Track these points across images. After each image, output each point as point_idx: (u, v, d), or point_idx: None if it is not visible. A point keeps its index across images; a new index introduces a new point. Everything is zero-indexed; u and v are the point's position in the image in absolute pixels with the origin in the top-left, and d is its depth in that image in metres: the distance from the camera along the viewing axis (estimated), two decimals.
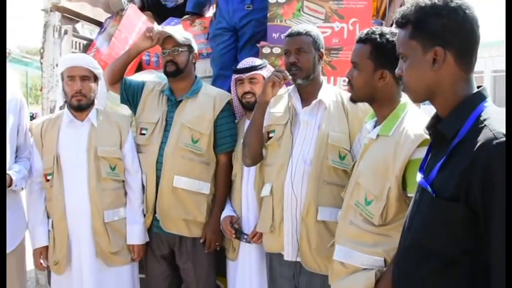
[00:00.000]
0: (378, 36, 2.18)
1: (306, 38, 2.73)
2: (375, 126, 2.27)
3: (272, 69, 3.17)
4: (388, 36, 2.18)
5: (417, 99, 1.66)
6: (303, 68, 2.71)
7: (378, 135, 2.19)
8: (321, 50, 2.77)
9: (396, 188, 2.06)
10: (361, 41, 2.22)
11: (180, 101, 3.18)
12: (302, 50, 2.71)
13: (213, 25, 3.89)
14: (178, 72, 3.14)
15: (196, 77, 3.28)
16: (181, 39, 3.16)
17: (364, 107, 2.68)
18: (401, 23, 1.59)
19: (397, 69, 1.67)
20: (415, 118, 2.16)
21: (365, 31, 2.23)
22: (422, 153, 1.90)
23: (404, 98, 2.25)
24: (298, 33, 2.73)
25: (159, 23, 4.28)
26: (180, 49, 3.14)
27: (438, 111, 1.62)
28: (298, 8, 3.48)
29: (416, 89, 1.59)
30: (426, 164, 1.68)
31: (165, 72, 3.16)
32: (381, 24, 3.99)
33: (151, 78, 3.74)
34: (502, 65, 19.11)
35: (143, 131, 3.20)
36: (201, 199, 3.15)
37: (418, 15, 1.54)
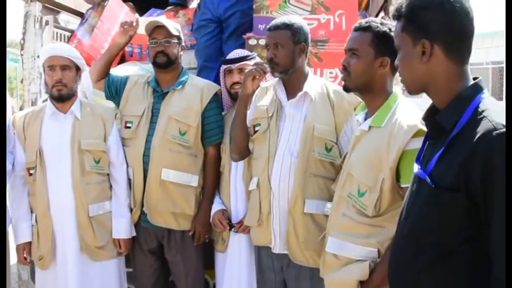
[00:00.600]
0: (379, 24, 2.18)
1: (283, 33, 2.69)
2: (365, 119, 2.27)
3: (260, 60, 3.16)
4: (389, 25, 2.18)
5: (411, 91, 1.65)
6: (279, 63, 2.69)
7: (370, 127, 2.18)
8: (302, 43, 2.71)
9: (390, 179, 2.06)
10: (361, 28, 2.21)
11: (167, 92, 3.14)
12: (279, 45, 2.68)
13: (197, 16, 3.86)
14: (169, 63, 3.10)
15: (182, 68, 3.26)
16: (173, 30, 3.12)
17: (350, 98, 2.69)
18: (396, 16, 1.62)
19: (396, 59, 1.68)
20: (407, 109, 2.16)
21: (365, 20, 2.23)
22: (416, 143, 1.95)
23: (395, 89, 2.25)
24: (276, 27, 2.70)
25: (141, 14, 4.28)
26: (172, 40, 3.11)
27: (435, 103, 1.62)
28: (284, 0, 3.46)
29: (409, 80, 1.61)
30: (423, 155, 1.67)
31: (155, 63, 3.12)
32: (365, 16, 3.99)
33: (135, 70, 3.71)
34: (498, 56, 18.54)
35: (128, 124, 3.16)
36: (189, 192, 3.13)
37: (408, 8, 1.57)
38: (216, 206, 3.13)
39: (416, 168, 1.66)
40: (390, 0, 3.51)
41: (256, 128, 2.82)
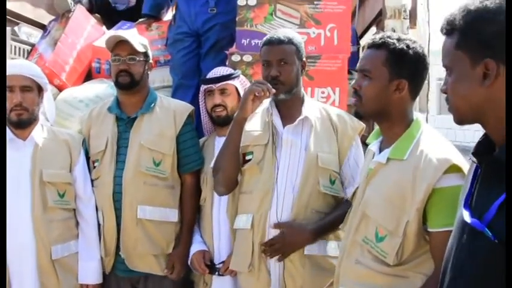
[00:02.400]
0: (395, 40, 1.96)
1: (288, 48, 2.54)
2: (380, 148, 2.04)
3: (245, 79, 3.03)
4: (407, 42, 1.96)
5: (463, 121, 1.41)
6: (285, 82, 2.52)
7: (388, 159, 1.96)
8: (304, 59, 2.60)
9: (416, 222, 1.83)
10: (374, 46, 2.00)
11: (135, 118, 2.91)
12: (285, 62, 2.52)
13: (172, 29, 3.69)
14: (133, 84, 2.88)
15: (149, 88, 3.05)
16: (139, 46, 2.90)
17: (353, 123, 2.61)
18: (447, 30, 1.38)
19: (442, 84, 1.44)
20: (434, 139, 1.94)
21: (379, 35, 2.02)
22: (448, 181, 1.80)
23: (418, 116, 2.04)
24: (280, 42, 2.53)
25: (109, 27, 4.07)
26: (137, 58, 2.89)
27: (493, 136, 1.37)
28: (270, 12, 3.29)
29: (464, 108, 1.38)
30: (471, 198, 1.40)
31: (117, 84, 2.91)
32: (354, 31, 3.82)
33: (103, 88, 3.51)
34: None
35: (95, 164, 2.94)
36: (168, 229, 2.91)
37: (466, 20, 1.33)
38: (196, 246, 2.89)
39: (466, 216, 1.38)
40: (385, 14, 3.39)
41: (248, 157, 2.62)
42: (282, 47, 2.52)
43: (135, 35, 3.07)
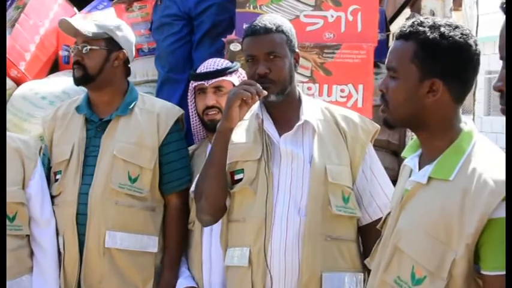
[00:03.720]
0: (427, 28, 1.84)
1: (278, 37, 2.46)
2: (420, 164, 1.94)
3: (245, 74, 2.92)
4: (444, 29, 1.83)
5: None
6: (277, 81, 2.45)
7: (429, 178, 1.86)
8: (297, 50, 2.54)
9: (465, 261, 1.72)
10: (402, 36, 1.89)
11: (108, 121, 2.87)
12: (275, 55, 2.45)
13: (158, 11, 3.65)
14: (87, 79, 2.87)
15: (128, 84, 3.01)
16: (88, 32, 2.84)
17: (365, 124, 2.57)
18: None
19: (496, 81, 1.54)
20: (490, 154, 1.83)
21: (409, 22, 1.91)
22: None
23: (469, 123, 1.92)
24: (267, 30, 2.45)
25: (80, 7, 4.04)
26: (90, 46, 2.85)
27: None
28: None
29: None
30: None
31: (74, 80, 2.94)
32: (383, 13, 3.76)
33: (72, 82, 3.29)
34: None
35: (57, 176, 2.89)
36: (146, 261, 2.85)
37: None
38: (183, 282, 2.84)
39: None
40: None
41: (237, 177, 2.55)
42: (270, 37, 2.43)
43: (95, 17, 3.11)
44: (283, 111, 2.52)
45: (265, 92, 2.42)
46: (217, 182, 2.50)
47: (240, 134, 2.57)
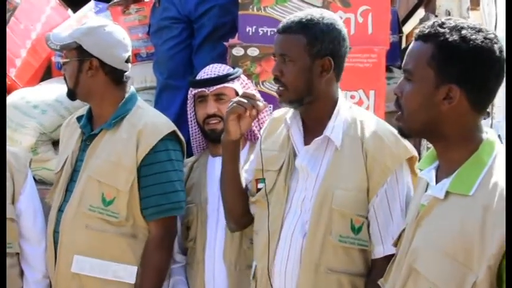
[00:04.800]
0: (448, 30, 1.80)
1: (294, 38, 2.33)
2: (437, 177, 1.89)
3: (247, 80, 2.99)
4: (466, 32, 1.78)
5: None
6: (288, 86, 2.33)
7: (447, 193, 1.82)
8: (327, 57, 2.32)
9: (487, 285, 1.68)
10: (421, 37, 1.86)
11: (95, 135, 2.80)
12: (287, 58, 2.33)
13: (156, 14, 3.65)
14: (70, 94, 2.87)
15: (123, 95, 2.88)
16: (55, 44, 2.79)
17: (397, 149, 2.34)
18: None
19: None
20: None
21: (429, 23, 1.87)
22: None
23: (490, 133, 1.88)
24: (286, 29, 2.34)
25: (75, 9, 4.09)
26: (63, 59, 2.85)
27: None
28: None
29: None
30: None
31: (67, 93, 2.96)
32: (395, 14, 3.78)
33: (65, 90, 3.26)
34: None
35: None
36: None
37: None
38: None
39: None
40: None
41: (259, 185, 2.50)
42: (285, 38, 2.33)
43: (71, 26, 3.20)
44: (313, 118, 2.41)
45: (262, 106, 2.39)
46: (232, 191, 2.55)
47: (272, 139, 2.53)
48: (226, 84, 2.84)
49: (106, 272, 2.71)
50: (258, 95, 2.46)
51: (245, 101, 2.37)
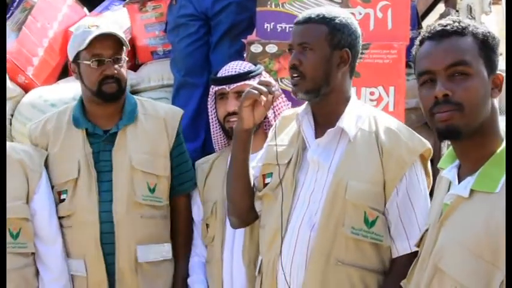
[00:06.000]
0: (471, 24, 1.86)
1: (315, 28, 2.36)
2: (459, 175, 1.88)
3: (269, 77, 2.98)
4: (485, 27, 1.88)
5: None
6: (306, 75, 2.35)
7: (471, 191, 1.81)
8: (346, 48, 2.37)
9: None
10: (455, 32, 1.86)
11: (114, 133, 2.89)
12: (308, 47, 2.35)
13: (173, 11, 3.64)
14: (121, 93, 2.88)
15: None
16: (125, 42, 2.89)
17: (412, 142, 2.37)
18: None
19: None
20: None
21: (446, 19, 1.91)
22: None
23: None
24: (307, 20, 2.38)
25: (90, 8, 4.10)
26: (123, 57, 2.89)
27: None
28: None
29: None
30: None
31: (101, 94, 2.84)
32: (415, 9, 3.76)
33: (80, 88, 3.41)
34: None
35: (62, 196, 2.87)
36: (167, 269, 2.97)
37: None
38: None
39: None
40: None
41: (267, 180, 2.53)
42: (306, 27, 2.36)
43: (110, 23, 3.16)
44: (325, 113, 2.43)
45: (278, 94, 2.42)
46: (239, 184, 2.54)
47: (282, 136, 2.54)
48: (247, 82, 2.84)
49: (159, 253, 2.90)
50: (274, 83, 2.47)
51: (261, 87, 2.38)
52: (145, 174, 2.86)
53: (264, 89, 2.37)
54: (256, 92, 2.37)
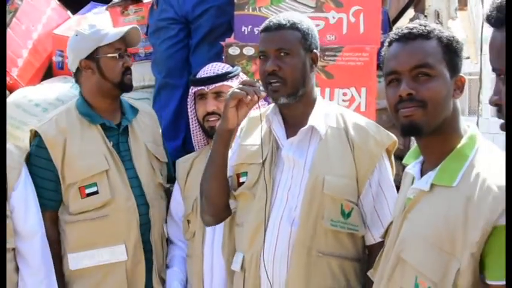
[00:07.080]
0: (440, 31, 1.91)
1: (290, 34, 2.40)
2: (422, 171, 1.93)
3: (246, 78, 2.96)
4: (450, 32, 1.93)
5: None
6: (287, 80, 2.38)
7: (432, 185, 1.85)
8: (315, 50, 2.46)
9: (471, 272, 1.69)
10: (420, 35, 1.91)
11: (126, 126, 3.02)
12: (285, 52, 2.38)
13: (154, 15, 3.66)
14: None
15: None
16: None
17: (380, 136, 2.46)
18: (499, 19, 1.49)
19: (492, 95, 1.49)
20: (494, 159, 1.81)
21: (412, 23, 1.94)
22: None
23: (472, 126, 1.93)
24: (279, 26, 2.40)
25: (74, 11, 4.11)
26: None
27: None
28: None
29: None
30: None
31: (123, 85, 2.96)
32: (386, 14, 3.80)
33: (66, 89, 3.48)
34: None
35: (89, 190, 2.85)
36: None
37: None
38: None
39: None
40: None
41: (242, 179, 2.54)
42: (281, 33, 2.38)
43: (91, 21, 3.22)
44: (296, 114, 2.47)
45: (263, 94, 2.40)
46: (217, 183, 2.52)
47: (252, 136, 2.56)
48: (225, 83, 2.85)
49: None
50: (258, 83, 2.47)
51: (246, 87, 2.39)
52: (158, 160, 3.04)
53: (249, 89, 2.37)
54: (242, 92, 2.37)
